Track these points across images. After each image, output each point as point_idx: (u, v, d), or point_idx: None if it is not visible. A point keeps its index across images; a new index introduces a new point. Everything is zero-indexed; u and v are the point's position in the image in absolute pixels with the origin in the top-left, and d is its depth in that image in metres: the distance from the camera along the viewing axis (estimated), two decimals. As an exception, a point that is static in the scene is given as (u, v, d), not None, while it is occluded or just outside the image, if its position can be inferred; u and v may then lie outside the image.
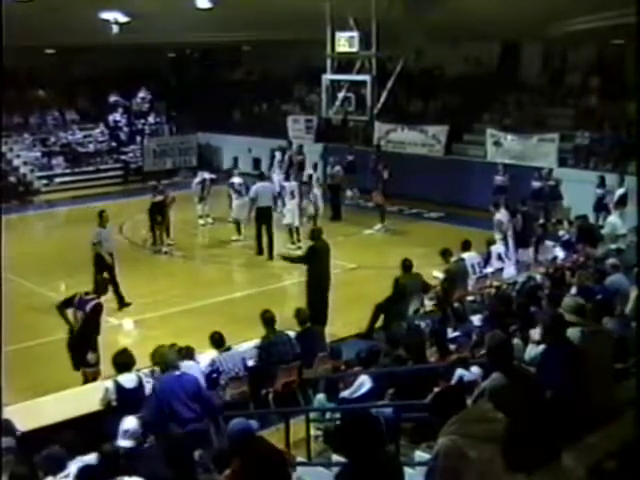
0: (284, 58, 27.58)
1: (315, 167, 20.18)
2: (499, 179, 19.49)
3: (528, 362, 6.62)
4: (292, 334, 10.06)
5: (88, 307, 9.87)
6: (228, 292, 14.25)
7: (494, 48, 23.80)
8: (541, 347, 6.10)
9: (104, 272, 13.31)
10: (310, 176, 19.25)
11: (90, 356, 9.79)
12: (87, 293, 10.07)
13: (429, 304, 11.89)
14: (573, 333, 5.70)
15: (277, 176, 21.25)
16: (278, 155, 22.53)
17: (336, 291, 13.93)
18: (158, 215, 17.44)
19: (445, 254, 12.15)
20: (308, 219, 18.40)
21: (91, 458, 6.16)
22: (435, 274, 12.16)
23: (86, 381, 9.77)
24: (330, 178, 21.39)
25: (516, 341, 7.52)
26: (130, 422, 6.31)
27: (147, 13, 19.77)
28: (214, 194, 19.82)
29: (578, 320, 6.17)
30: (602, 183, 17.64)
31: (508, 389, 4.28)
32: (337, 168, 21.19)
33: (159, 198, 17.62)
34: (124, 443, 6.18)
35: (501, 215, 15.08)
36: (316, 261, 12.03)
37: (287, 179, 19.54)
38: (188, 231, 18.86)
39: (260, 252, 16.83)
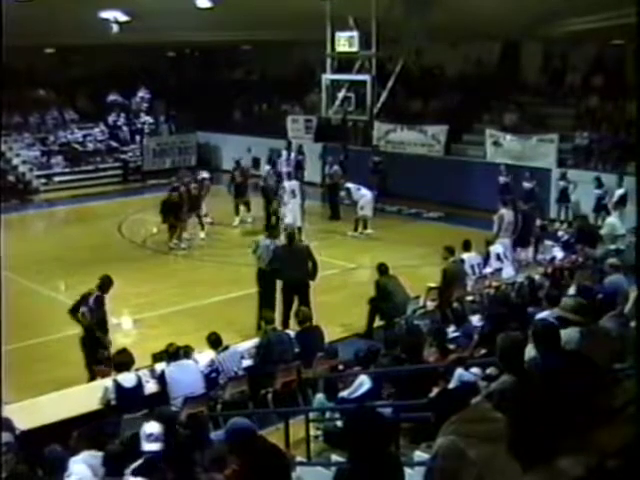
0: (284, 58, 27.57)
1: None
2: (502, 179, 19.51)
3: (527, 362, 6.62)
4: (292, 334, 10.08)
5: (91, 301, 9.92)
6: (228, 291, 14.24)
7: (494, 48, 23.80)
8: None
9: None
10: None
11: (101, 353, 9.82)
12: (89, 292, 10.12)
13: (430, 305, 11.91)
14: (572, 333, 5.71)
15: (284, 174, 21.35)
16: (284, 153, 22.54)
17: (335, 291, 13.96)
18: (173, 213, 17.51)
19: (448, 251, 12.19)
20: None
21: (91, 457, 6.17)
22: (429, 285, 12.20)
23: (92, 379, 9.79)
24: (329, 178, 21.40)
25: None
26: (153, 426, 6.28)
27: (147, 12, 19.75)
28: (213, 193, 19.83)
29: (578, 318, 6.17)
30: (600, 184, 17.66)
31: (516, 391, 4.25)
32: (335, 168, 21.20)
33: (174, 195, 17.87)
34: (149, 447, 6.15)
35: (506, 212, 15.10)
36: (283, 262, 12.02)
37: (289, 178, 19.57)
38: (187, 230, 18.83)
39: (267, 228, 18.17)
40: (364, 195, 18.71)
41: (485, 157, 21.48)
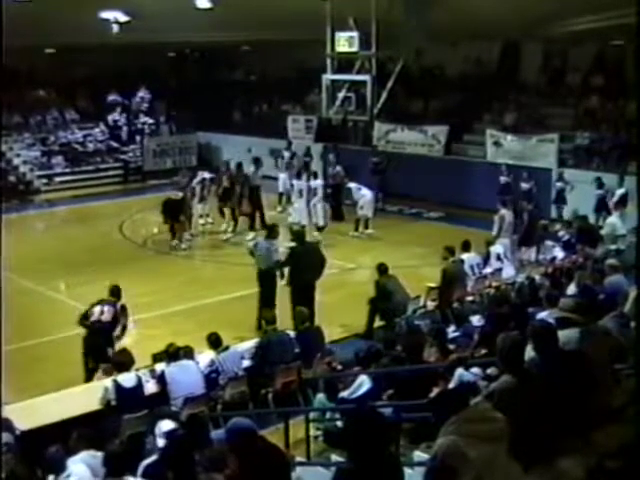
0: (284, 58, 27.58)
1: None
2: (503, 179, 19.50)
3: (527, 362, 6.62)
4: (292, 334, 10.07)
5: (118, 306, 10.21)
6: (228, 292, 14.25)
7: (494, 48, 23.80)
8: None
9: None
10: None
11: (111, 352, 9.87)
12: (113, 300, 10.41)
13: (430, 305, 11.91)
14: (572, 333, 5.70)
15: (283, 174, 21.30)
16: (286, 155, 22.52)
17: (335, 291, 13.95)
18: (173, 213, 17.51)
19: (448, 251, 12.20)
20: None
21: (90, 457, 6.17)
22: (429, 285, 12.19)
23: (89, 379, 9.81)
24: (331, 178, 21.35)
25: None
26: (168, 424, 6.33)
27: (147, 13, 19.79)
28: (214, 194, 19.80)
29: (577, 318, 6.17)
30: (601, 184, 17.65)
31: (516, 392, 4.25)
32: (338, 168, 21.16)
33: (178, 195, 17.87)
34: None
35: (506, 213, 15.10)
36: (297, 263, 11.99)
37: (298, 177, 19.57)
38: (188, 231, 18.84)
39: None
40: (364, 195, 18.73)
41: (485, 157, 21.46)
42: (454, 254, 12.32)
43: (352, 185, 19.14)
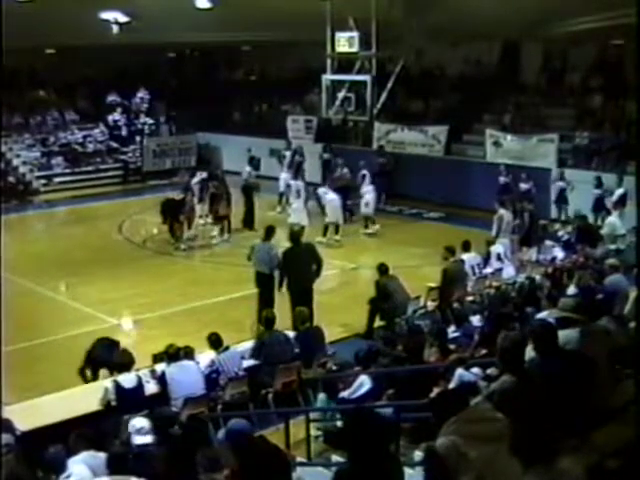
0: (284, 58, 27.58)
1: None
2: (502, 179, 19.49)
3: (528, 362, 6.62)
4: (292, 334, 10.08)
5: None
6: (228, 292, 14.24)
7: (494, 48, 23.80)
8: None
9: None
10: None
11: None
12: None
13: (430, 305, 11.91)
14: (571, 333, 5.70)
15: (285, 174, 21.30)
16: (288, 156, 22.51)
17: (335, 291, 13.97)
18: (173, 212, 17.50)
19: (448, 251, 12.21)
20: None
21: (91, 457, 6.17)
22: (429, 285, 12.20)
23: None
24: (338, 180, 21.28)
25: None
26: (141, 421, 6.36)
27: (147, 13, 19.81)
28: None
29: (577, 317, 6.17)
30: (600, 184, 17.66)
31: (517, 392, 4.24)
32: (345, 170, 21.09)
33: (180, 195, 17.87)
34: (142, 440, 6.18)
35: (505, 213, 15.12)
36: (292, 265, 11.94)
37: (295, 178, 19.57)
38: (188, 231, 18.83)
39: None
40: (369, 191, 18.83)
41: (485, 157, 21.46)
42: (454, 254, 12.33)
43: (367, 173, 19.19)
